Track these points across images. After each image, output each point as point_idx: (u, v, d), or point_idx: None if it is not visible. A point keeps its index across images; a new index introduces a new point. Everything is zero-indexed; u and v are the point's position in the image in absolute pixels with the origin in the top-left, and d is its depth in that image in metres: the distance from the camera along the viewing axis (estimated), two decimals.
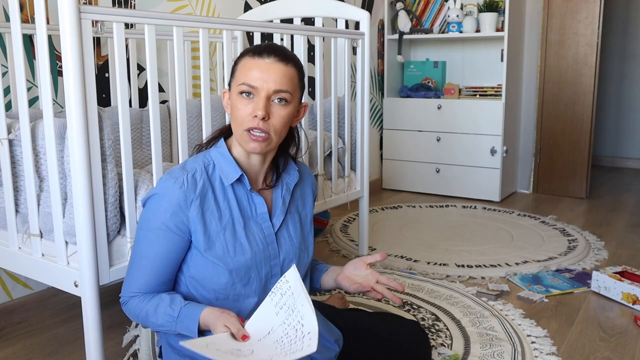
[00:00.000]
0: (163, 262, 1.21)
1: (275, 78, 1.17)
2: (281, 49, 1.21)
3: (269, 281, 1.25)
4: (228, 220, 1.22)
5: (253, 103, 1.18)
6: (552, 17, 3.92)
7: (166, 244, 1.19)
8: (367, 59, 2.51)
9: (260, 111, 1.16)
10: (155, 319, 1.18)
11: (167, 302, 1.19)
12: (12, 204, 1.61)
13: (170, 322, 1.17)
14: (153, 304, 1.20)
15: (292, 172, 1.34)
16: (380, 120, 4.29)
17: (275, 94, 1.18)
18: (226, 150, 1.25)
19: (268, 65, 1.17)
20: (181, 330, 1.17)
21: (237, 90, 1.19)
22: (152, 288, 1.22)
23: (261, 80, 1.17)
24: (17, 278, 2.09)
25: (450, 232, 3.13)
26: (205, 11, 2.76)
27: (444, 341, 1.87)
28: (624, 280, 2.19)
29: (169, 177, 1.21)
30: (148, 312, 1.19)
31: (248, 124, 1.18)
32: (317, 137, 2.30)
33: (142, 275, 1.21)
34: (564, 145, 3.99)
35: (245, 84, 1.18)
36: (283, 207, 1.30)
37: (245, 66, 1.19)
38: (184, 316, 1.16)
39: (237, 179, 1.23)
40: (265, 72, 1.17)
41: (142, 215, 1.22)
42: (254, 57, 1.19)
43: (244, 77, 1.18)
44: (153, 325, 1.20)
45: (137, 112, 2.14)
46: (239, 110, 1.19)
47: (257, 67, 1.17)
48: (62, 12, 1.31)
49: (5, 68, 1.97)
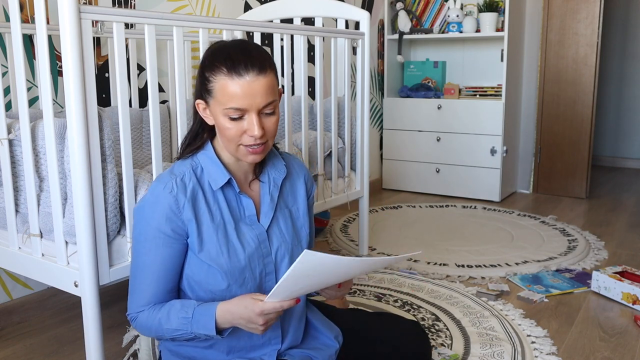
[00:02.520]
0: (167, 269, 1.19)
1: (261, 93, 1.13)
2: (255, 58, 1.14)
3: (264, 279, 1.24)
4: (219, 222, 1.21)
5: (243, 122, 1.14)
6: (552, 17, 3.92)
7: (167, 250, 1.18)
8: (367, 59, 2.51)
9: (257, 131, 1.13)
10: (169, 324, 1.17)
11: (178, 306, 1.18)
12: (12, 204, 1.61)
13: (185, 323, 1.15)
14: (164, 311, 1.18)
15: (279, 166, 1.32)
16: (380, 120, 4.29)
17: (265, 108, 1.15)
18: (214, 154, 1.23)
19: (250, 84, 1.12)
20: (198, 330, 1.15)
21: (223, 113, 1.14)
22: (160, 298, 1.20)
23: (248, 101, 1.12)
24: (17, 278, 2.09)
25: (450, 232, 3.13)
26: (205, 11, 2.76)
27: (444, 341, 1.87)
28: (624, 280, 2.19)
29: (157, 183, 1.19)
30: (160, 320, 1.18)
31: (244, 141, 1.16)
32: (317, 137, 2.30)
33: (148, 287, 1.19)
34: (564, 145, 3.99)
35: (232, 108, 1.13)
36: (272, 204, 1.28)
37: (226, 88, 1.12)
38: (199, 314, 1.15)
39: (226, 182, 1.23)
40: (249, 91, 1.12)
41: (136, 228, 1.20)
42: (232, 76, 1.11)
43: (228, 101, 1.12)
44: (167, 331, 1.18)
45: (137, 112, 2.14)
46: (229, 130, 1.15)
47: (241, 89, 1.11)
48: (62, 12, 1.31)
49: (5, 68, 1.97)
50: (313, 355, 1.31)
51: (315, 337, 1.37)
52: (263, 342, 1.26)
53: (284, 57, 2.11)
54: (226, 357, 1.25)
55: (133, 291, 1.22)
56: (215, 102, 1.16)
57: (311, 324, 1.37)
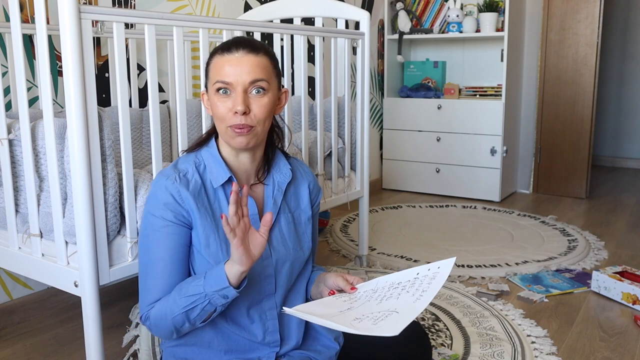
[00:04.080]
0: (177, 260, 1.19)
1: (248, 70, 1.16)
2: (249, 41, 1.20)
3: (263, 282, 1.24)
4: (220, 220, 1.21)
5: (231, 99, 1.17)
6: (552, 17, 3.92)
7: (175, 237, 1.18)
8: (367, 59, 2.51)
9: (239, 106, 1.15)
10: (183, 294, 1.13)
11: (189, 279, 1.16)
12: (12, 204, 1.61)
13: (198, 286, 1.12)
14: (174, 293, 1.16)
15: (284, 170, 1.31)
16: (380, 120, 4.29)
17: (252, 85, 1.17)
18: (216, 151, 1.24)
19: (238, 59, 1.17)
20: (211, 287, 1.11)
21: (213, 89, 1.18)
22: (171, 291, 1.19)
23: (234, 75, 1.16)
24: (17, 278, 2.09)
25: (450, 232, 3.13)
26: (205, 11, 2.76)
27: (444, 341, 1.87)
28: (624, 280, 2.19)
29: (160, 176, 1.20)
30: (175, 297, 1.15)
31: (230, 121, 1.17)
32: (317, 137, 2.30)
33: (159, 281, 1.18)
34: (564, 145, 3.99)
35: (219, 81, 1.17)
36: (274, 207, 1.27)
37: (217, 64, 1.18)
38: (209, 275, 1.13)
39: (226, 180, 1.22)
40: (236, 66, 1.16)
41: (144, 221, 1.21)
42: (222, 54, 1.18)
43: (217, 75, 1.18)
44: (183, 302, 1.13)
45: (137, 112, 2.14)
46: (218, 108, 1.18)
47: (228, 62, 1.17)
48: (62, 12, 1.31)
49: (5, 68, 1.97)
50: (313, 357, 1.31)
51: (316, 338, 1.36)
52: (262, 343, 1.26)
53: (284, 57, 2.11)
54: (224, 357, 1.24)
55: (143, 290, 1.21)
56: (209, 83, 1.21)
57: (311, 326, 1.37)
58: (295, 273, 1.29)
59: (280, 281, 1.26)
